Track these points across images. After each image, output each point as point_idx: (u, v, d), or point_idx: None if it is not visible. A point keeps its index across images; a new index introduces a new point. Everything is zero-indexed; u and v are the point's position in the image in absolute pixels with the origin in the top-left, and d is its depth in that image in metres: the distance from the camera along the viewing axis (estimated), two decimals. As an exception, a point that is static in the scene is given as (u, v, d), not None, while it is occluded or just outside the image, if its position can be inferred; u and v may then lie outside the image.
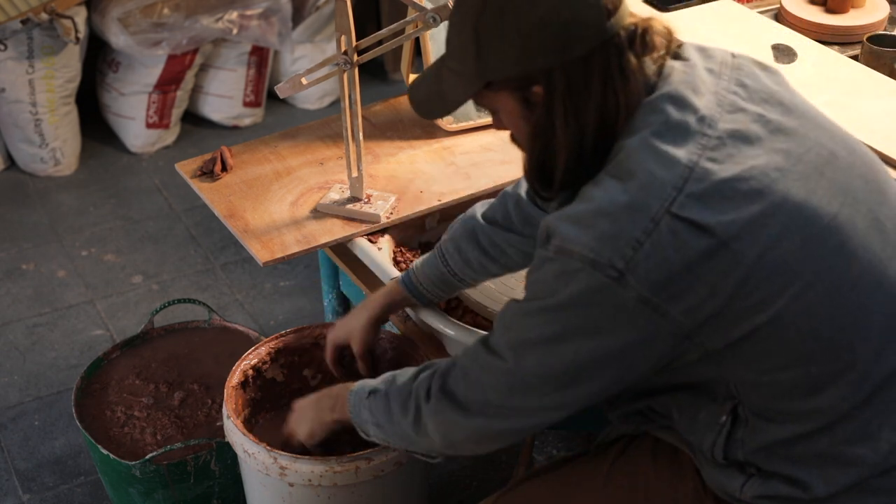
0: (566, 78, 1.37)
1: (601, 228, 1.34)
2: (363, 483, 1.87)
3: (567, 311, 1.37)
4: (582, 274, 1.34)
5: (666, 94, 1.40)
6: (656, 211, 1.33)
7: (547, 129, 1.41)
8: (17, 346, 2.94)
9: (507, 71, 1.39)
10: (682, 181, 1.34)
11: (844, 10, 2.55)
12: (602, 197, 1.36)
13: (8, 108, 3.56)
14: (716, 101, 1.41)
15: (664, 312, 1.33)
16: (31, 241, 3.36)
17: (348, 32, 1.93)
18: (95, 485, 2.50)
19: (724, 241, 1.32)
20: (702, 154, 1.36)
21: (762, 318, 1.35)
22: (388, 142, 2.34)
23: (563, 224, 1.37)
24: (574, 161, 1.42)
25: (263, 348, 2.09)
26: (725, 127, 1.39)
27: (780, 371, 1.39)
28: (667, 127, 1.38)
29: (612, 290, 1.33)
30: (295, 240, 2.04)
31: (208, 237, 3.34)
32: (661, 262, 1.32)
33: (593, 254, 1.33)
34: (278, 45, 3.80)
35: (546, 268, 1.38)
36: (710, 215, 1.32)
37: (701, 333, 1.36)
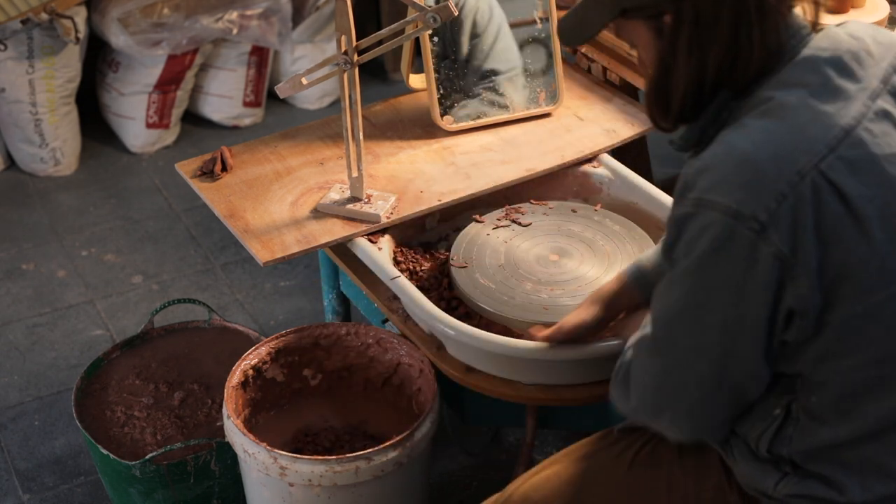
0: (695, 8, 1.36)
1: (745, 177, 1.30)
2: (363, 483, 1.87)
3: (707, 267, 1.33)
4: (721, 226, 1.30)
5: (829, 57, 1.38)
6: (804, 165, 1.29)
7: (669, 58, 1.41)
8: (17, 346, 2.94)
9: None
10: (836, 142, 1.32)
11: (844, 10, 2.55)
12: (746, 144, 1.32)
13: (8, 108, 3.56)
14: (881, 76, 1.39)
15: (794, 275, 1.30)
16: (31, 241, 3.36)
17: (348, 32, 1.93)
18: (95, 485, 2.50)
19: (858, 216, 1.30)
20: (860, 122, 1.34)
21: (859, 308, 1.33)
22: (388, 142, 2.34)
23: (704, 174, 1.33)
24: (693, 94, 1.40)
25: (263, 348, 2.09)
26: (884, 106, 1.37)
27: (854, 370, 1.37)
28: (826, 89, 1.36)
29: (752, 244, 1.29)
30: (295, 240, 2.04)
31: (208, 237, 3.34)
32: (801, 219, 1.29)
33: (736, 204, 1.29)
34: (278, 45, 3.80)
35: (686, 226, 1.35)
36: (854, 185, 1.30)
37: (810, 309, 1.32)
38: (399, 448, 1.87)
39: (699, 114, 1.44)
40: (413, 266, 2.10)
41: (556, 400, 1.84)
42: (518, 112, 2.38)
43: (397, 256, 2.11)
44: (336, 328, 2.13)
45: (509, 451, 2.54)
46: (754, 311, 1.33)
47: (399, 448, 1.87)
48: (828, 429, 1.41)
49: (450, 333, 1.85)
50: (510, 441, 2.56)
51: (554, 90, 2.40)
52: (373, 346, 2.12)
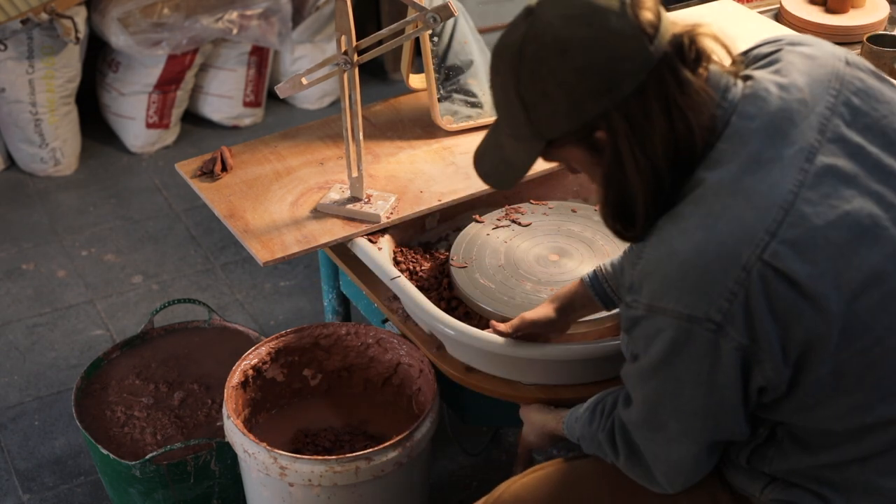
0: (625, 116, 1.33)
1: (692, 281, 1.30)
2: (363, 483, 1.87)
3: (672, 367, 1.34)
4: (677, 330, 1.31)
5: (757, 126, 1.35)
6: (747, 259, 1.28)
7: (618, 172, 1.36)
8: (17, 346, 2.94)
9: (563, 127, 1.37)
10: (775, 225, 1.29)
11: (844, 10, 2.55)
12: (687, 246, 1.31)
13: (8, 108, 3.56)
14: (818, 125, 1.36)
15: (759, 360, 1.31)
16: (31, 241, 3.36)
17: (348, 32, 1.93)
18: (95, 485, 2.50)
19: (811, 296, 1.29)
20: (798, 193, 1.31)
21: (826, 369, 1.33)
22: (388, 142, 2.34)
23: (649, 279, 1.34)
24: (653, 197, 1.37)
25: (263, 348, 2.09)
26: (825, 161, 1.33)
27: (831, 419, 1.37)
28: (758, 163, 1.32)
29: (711, 342, 1.30)
30: (295, 240, 2.04)
31: (208, 237, 3.34)
32: (756, 310, 1.28)
33: (688, 309, 1.30)
34: (278, 45, 3.80)
35: (641, 325, 1.36)
36: (801, 267, 1.28)
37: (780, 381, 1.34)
38: (399, 448, 1.87)
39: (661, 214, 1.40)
40: (413, 266, 2.10)
41: (555, 400, 1.84)
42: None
43: (397, 256, 2.11)
44: (336, 328, 2.13)
45: (509, 451, 2.54)
46: (728, 395, 1.35)
47: (399, 448, 1.87)
48: (808, 456, 1.42)
49: (450, 333, 1.84)
50: (510, 441, 2.56)
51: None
52: (373, 346, 2.12)
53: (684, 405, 1.37)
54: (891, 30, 2.56)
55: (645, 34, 1.31)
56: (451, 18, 1.90)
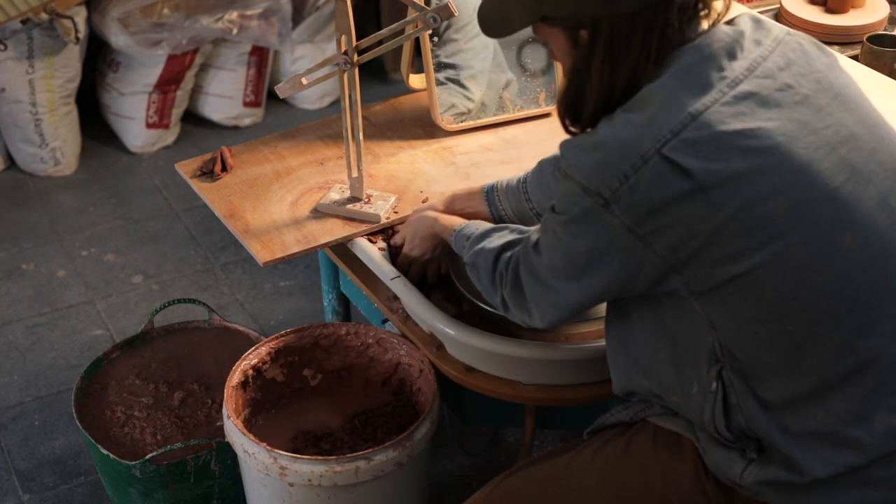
0: (611, 29, 1.45)
1: (596, 158, 1.44)
2: (363, 483, 1.87)
3: (573, 228, 1.47)
4: (579, 198, 1.45)
5: (698, 47, 1.46)
6: (647, 150, 1.40)
7: (583, 72, 1.50)
8: (17, 346, 2.94)
9: (561, 10, 1.48)
10: (680, 126, 1.40)
11: (844, 10, 2.55)
12: (607, 130, 1.45)
13: (8, 108, 3.56)
14: (748, 65, 1.46)
15: (648, 243, 1.42)
16: (31, 241, 3.36)
17: (348, 32, 1.93)
18: (95, 485, 2.50)
19: (704, 187, 1.38)
20: (710, 106, 1.41)
21: (739, 269, 1.40)
22: (388, 142, 2.34)
23: (571, 149, 1.48)
24: (602, 106, 1.50)
25: (263, 348, 2.09)
26: (746, 88, 1.44)
27: (759, 323, 1.43)
28: (687, 77, 1.44)
29: (601, 215, 1.43)
30: (295, 240, 2.04)
31: (208, 237, 3.34)
32: (643, 197, 1.40)
33: (585, 181, 1.44)
34: (278, 45, 3.80)
35: (559, 185, 1.50)
36: (695, 161, 1.39)
37: (684, 270, 1.43)
38: (399, 448, 1.87)
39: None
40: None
41: (555, 400, 1.84)
42: (520, 111, 2.38)
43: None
44: (336, 328, 2.13)
45: (509, 451, 2.54)
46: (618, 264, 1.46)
47: (399, 448, 1.87)
48: (764, 388, 1.46)
49: (450, 333, 1.84)
50: (510, 441, 2.56)
51: (554, 90, 2.40)
52: (373, 346, 2.12)
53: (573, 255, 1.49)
54: (891, 30, 2.56)
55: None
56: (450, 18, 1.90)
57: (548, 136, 2.34)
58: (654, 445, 1.61)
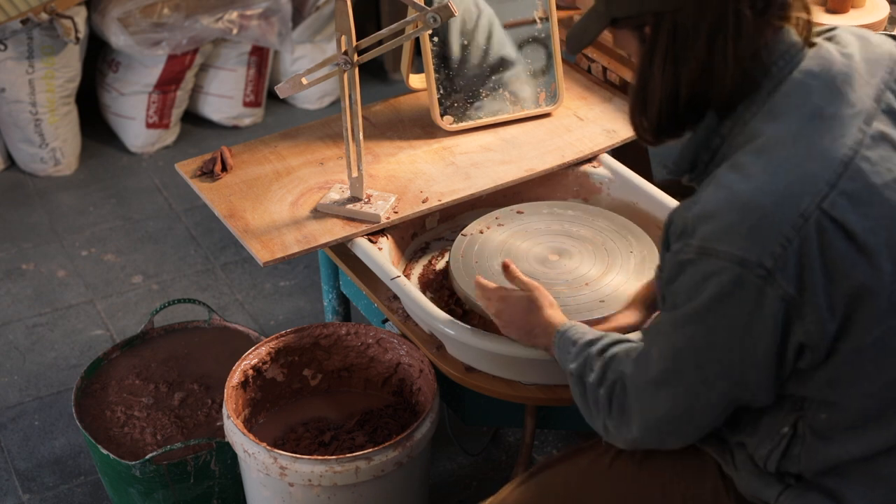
0: (674, 24, 1.38)
1: (749, 224, 1.29)
2: (363, 483, 1.87)
3: (711, 314, 1.33)
4: (728, 274, 1.29)
5: (820, 81, 1.37)
6: (806, 206, 1.28)
7: (646, 68, 1.43)
8: (17, 346, 2.94)
9: (626, 10, 1.43)
10: (836, 177, 1.30)
11: (844, 10, 2.55)
12: (745, 184, 1.31)
13: (8, 108, 3.56)
14: (874, 94, 1.38)
15: (802, 314, 1.30)
16: (31, 241, 3.36)
17: (348, 32, 1.93)
18: (95, 485, 2.50)
19: (865, 250, 1.29)
20: (858, 150, 1.32)
21: (868, 338, 1.32)
22: (388, 142, 2.34)
23: (706, 221, 1.32)
24: (668, 106, 1.42)
25: (263, 348, 2.09)
26: (880, 128, 1.35)
27: (864, 396, 1.37)
28: (821, 119, 1.34)
29: (759, 289, 1.28)
30: (295, 240, 2.04)
31: (208, 237, 3.34)
32: (807, 261, 1.28)
33: (742, 252, 1.28)
34: (278, 45, 3.80)
35: (689, 270, 1.34)
36: (857, 220, 1.29)
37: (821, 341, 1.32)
38: (399, 448, 1.87)
39: (680, 129, 1.45)
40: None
41: (555, 400, 1.84)
42: (520, 111, 2.38)
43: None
44: (336, 328, 2.13)
45: (509, 451, 2.54)
46: (762, 347, 1.33)
47: (399, 448, 1.87)
48: (837, 446, 1.40)
49: (450, 333, 1.85)
50: (510, 441, 2.56)
51: (554, 90, 2.41)
52: (373, 346, 2.12)
53: (713, 354, 1.35)
54: (891, 30, 2.56)
55: None
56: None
57: (548, 136, 2.34)
58: (673, 460, 1.58)
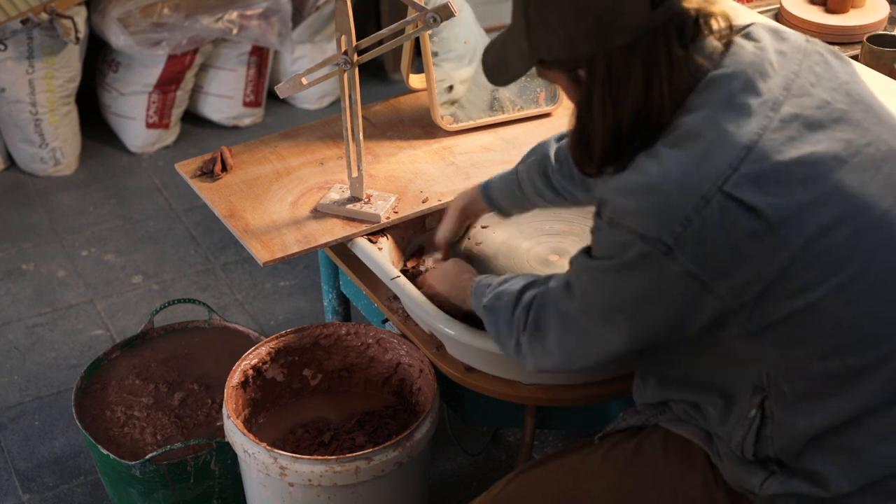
0: (607, 66, 1.39)
1: (652, 202, 1.36)
2: (363, 483, 1.87)
3: (621, 274, 1.40)
4: (633, 246, 1.36)
5: (732, 74, 1.41)
6: (708, 188, 1.34)
7: (586, 111, 1.45)
8: (17, 346, 2.94)
9: (553, 53, 1.44)
10: (738, 160, 1.35)
11: (844, 10, 2.55)
12: (656, 170, 1.37)
13: (8, 108, 3.56)
14: (783, 83, 1.42)
15: (711, 288, 1.35)
16: (31, 241, 3.36)
17: (348, 32, 1.93)
18: (95, 485, 2.50)
19: (773, 224, 1.33)
20: (762, 134, 1.37)
21: (801, 303, 1.36)
22: (388, 142, 2.34)
23: (616, 195, 1.40)
24: (610, 144, 1.44)
25: (263, 348, 2.09)
26: (789, 110, 1.39)
27: (817, 359, 1.39)
28: (729, 106, 1.38)
29: (660, 262, 1.35)
30: (295, 240, 2.04)
31: (208, 237, 3.34)
32: (709, 239, 1.33)
33: (642, 228, 1.35)
34: (278, 45, 3.80)
35: (602, 235, 1.43)
36: (761, 197, 1.33)
37: (743, 311, 1.37)
38: (399, 448, 1.87)
39: (626, 160, 1.46)
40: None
41: (554, 400, 1.84)
42: (520, 111, 2.38)
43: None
44: (336, 328, 2.13)
45: (509, 451, 2.54)
46: (672, 311, 1.39)
47: (399, 448, 1.87)
48: (803, 419, 1.43)
49: (450, 333, 1.84)
50: (510, 441, 2.56)
51: (554, 90, 2.40)
52: (373, 346, 2.12)
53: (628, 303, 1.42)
54: (891, 30, 2.56)
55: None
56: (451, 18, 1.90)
57: (548, 135, 2.34)
58: (665, 452, 1.60)
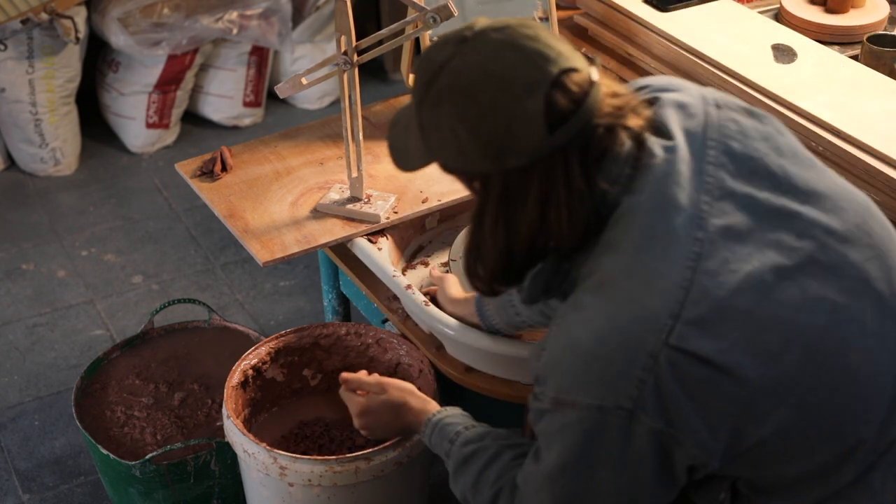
0: (502, 185, 1.31)
1: (598, 373, 1.27)
2: (363, 483, 1.87)
3: (583, 459, 1.31)
4: (589, 420, 1.28)
5: (646, 198, 1.31)
6: (653, 345, 1.25)
7: (478, 228, 1.37)
8: (17, 346, 2.94)
9: (448, 161, 1.36)
10: (678, 306, 1.26)
11: (844, 10, 2.55)
12: (589, 335, 1.28)
13: (8, 108, 3.56)
14: (702, 183, 1.32)
15: (679, 441, 1.28)
16: (31, 241, 3.36)
17: (348, 32, 1.93)
18: (95, 485, 2.50)
19: (726, 369, 1.26)
20: (696, 268, 1.27)
21: (767, 431, 1.30)
22: (388, 142, 2.34)
23: (554, 372, 1.31)
24: (501, 266, 1.37)
25: (263, 348, 2.09)
26: (716, 223, 1.30)
27: (786, 466, 1.35)
28: (652, 239, 1.29)
29: (623, 428, 1.27)
30: (295, 240, 2.04)
31: (208, 237, 3.34)
32: (666, 394, 1.25)
33: (597, 400, 1.27)
34: (278, 45, 3.80)
35: (546, 419, 1.33)
36: (709, 344, 1.26)
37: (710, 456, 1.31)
38: (399, 448, 1.87)
39: (518, 280, 1.40)
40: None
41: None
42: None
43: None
44: (336, 328, 2.13)
45: (509, 451, 2.54)
46: (644, 475, 1.31)
47: (399, 448, 1.87)
48: (779, 500, 1.40)
49: (450, 333, 1.84)
50: (510, 441, 2.56)
51: (554, 90, 2.40)
52: (373, 346, 2.12)
53: (599, 491, 1.32)
54: (891, 30, 2.56)
55: (549, 121, 1.28)
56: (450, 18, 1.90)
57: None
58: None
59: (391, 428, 1.75)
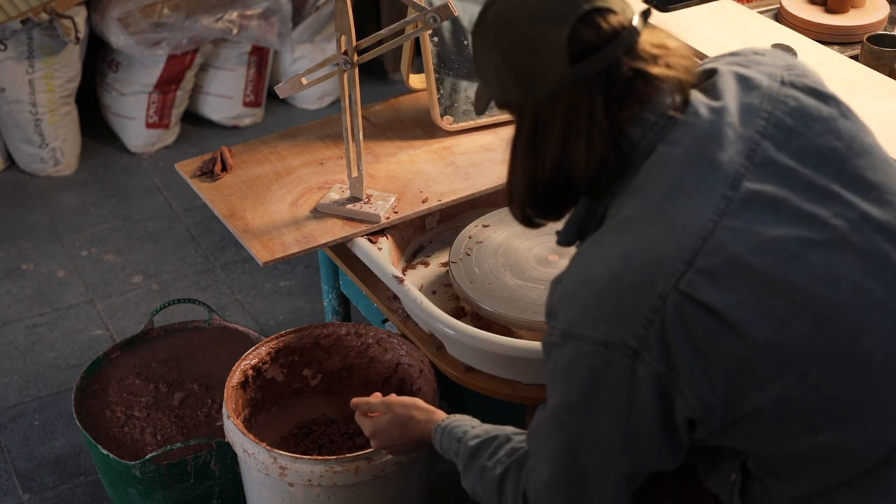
0: (533, 115, 1.37)
1: (608, 308, 1.29)
2: (363, 483, 1.87)
3: (588, 400, 1.32)
4: (594, 356, 1.30)
5: (682, 149, 1.33)
6: (663, 287, 1.27)
7: (512, 157, 1.42)
8: (17, 346, 2.94)
9: (496, 97, 1.43)
10: (692, 254, 1.28)
11: (844, 10, 2.55)
12: (604, 272, 1.31)
13: (8, 108, 3.56)
14: (745, 149, 1.34)
15: (679, 389, 1.29)
16: (31, 241, 3.36)
17: (348, 32, 1.93)
18: (95, 485, 2.50)
19: (731, 324, 1.27)
20: (718, 221, 1.29)
21: (767, 398, 1.30)
22: (388, 142, 2.34)
23: (565, 304, 1.34)
24: (529, 196, 1.42)
25: (263, 348, 2.09)
26: (750, 187, 1.32)
27: (788, 443, 1.35)
28: (679, 188, 1.31)
29: (628, 367, 1.29)
30: (295, 240, 2.04)
31: (208, 237, 3.34)
32: (670, 337, 1.27)
33: (604, 336, 1.29)
34: (278, 45, 3.80)
35: (555, 356, 1.34)
36: (717, 296, 1.27)
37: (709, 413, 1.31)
38: (399, 448, 1.87)
39: (552, 215, 1.43)
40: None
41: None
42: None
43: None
44: (336, 328, 2.13)
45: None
46: (648, 423, 1.32)
47: (399, 448, 1.87)
48: (790, 483, 1.39)
49: (450, 333, 1.85)
50: (510, 441, 2.56)
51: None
52: (373, 346, 2.12)
53: (604, 437, 1.34)
54: (891, 30, 2.56)
55: (572, 53, 1.32)
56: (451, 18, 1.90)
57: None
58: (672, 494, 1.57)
59: (404, 443, 1.74)
